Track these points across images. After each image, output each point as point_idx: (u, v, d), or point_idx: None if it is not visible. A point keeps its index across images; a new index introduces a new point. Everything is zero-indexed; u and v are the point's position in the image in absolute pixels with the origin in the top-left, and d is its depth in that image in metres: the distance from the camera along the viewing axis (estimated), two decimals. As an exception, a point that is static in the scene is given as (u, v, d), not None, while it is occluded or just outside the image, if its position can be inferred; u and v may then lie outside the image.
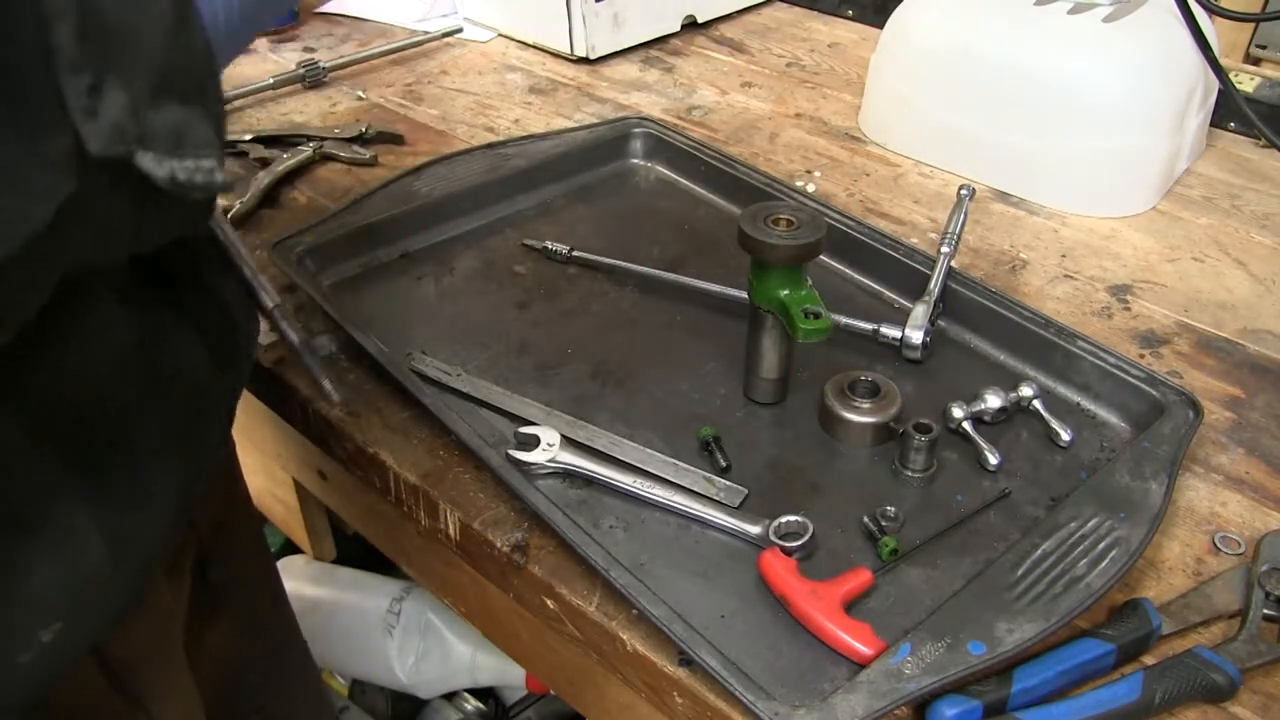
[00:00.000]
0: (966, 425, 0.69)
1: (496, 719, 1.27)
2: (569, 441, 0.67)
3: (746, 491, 0.65)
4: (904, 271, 0.82)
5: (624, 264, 0.85)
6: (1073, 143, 0.94)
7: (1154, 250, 0.91)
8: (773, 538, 0.61)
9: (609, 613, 0.58)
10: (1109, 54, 0.92)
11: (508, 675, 1.21)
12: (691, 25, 1.32)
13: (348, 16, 1.36)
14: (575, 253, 0.86)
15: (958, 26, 0.99)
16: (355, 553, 1.22)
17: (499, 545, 0.62)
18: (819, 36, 1.32)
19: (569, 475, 0.66)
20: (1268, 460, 0.69)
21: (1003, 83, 0.95)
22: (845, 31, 1.33)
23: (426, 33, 1.28)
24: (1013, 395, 0.70)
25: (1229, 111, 1.05)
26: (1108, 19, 0.93)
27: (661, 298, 0.83)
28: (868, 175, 1.01)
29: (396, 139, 1.06)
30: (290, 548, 1.34)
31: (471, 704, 1.26)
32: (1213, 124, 1.05)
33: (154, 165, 0.36)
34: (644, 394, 0.73)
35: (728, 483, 0.66)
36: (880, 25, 1.08)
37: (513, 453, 0.65)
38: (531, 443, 0.66)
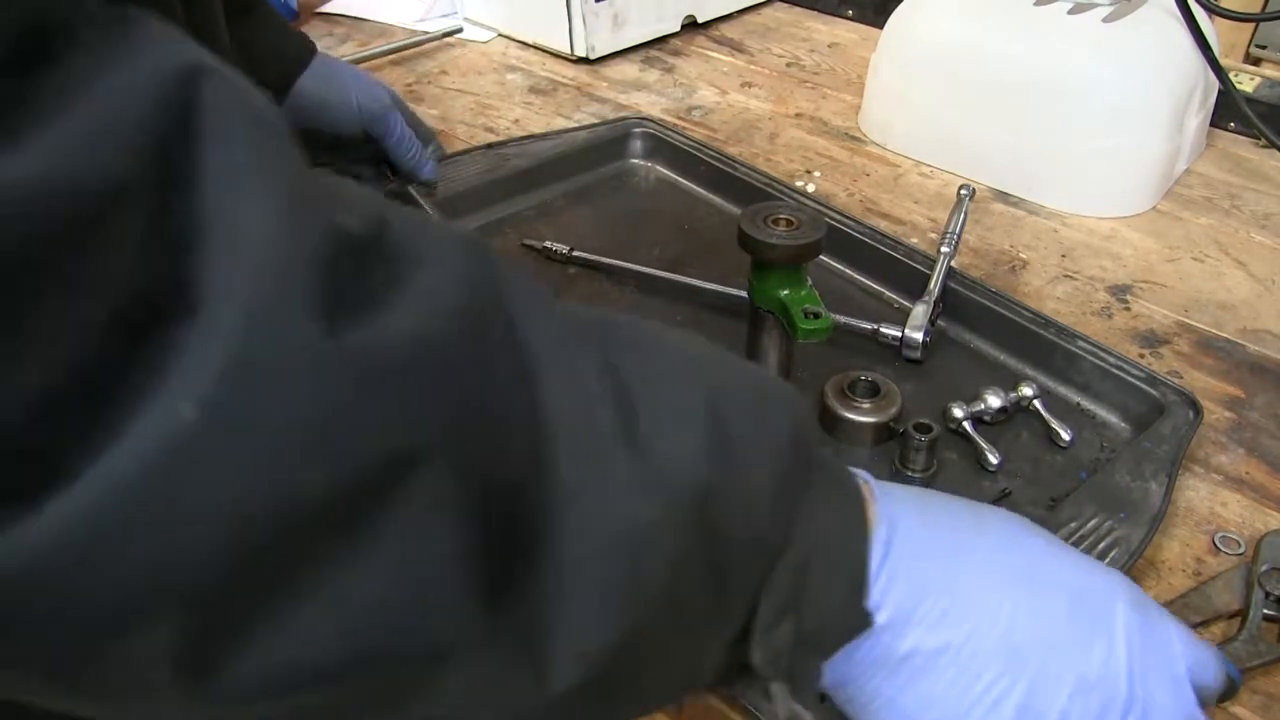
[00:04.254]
0: (966, 425, 0.69)
1: (496, 719, 1.27)
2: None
3: (746, 491, 0.65)
4: (904, 271, 0.82)
5: (624, 264, 0.85)
6: (1073, 143, 0.93)
7: (1154, 250, 0.91)
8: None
9: (609, 613, 0.58)
10: (1109, 54, 0.92)
11: (508, 675, 1.21)
12: (691, 25, 1.32)
13: (348, 16, 1.36)
14: (575, 253, 0.86)
15: (957, 26, 0.99)
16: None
17: (499, 545, 0.62)
18: (819, 36, 1.32)
19: (569, 475, 0.66)
20: (1268, 460, 0.69)
21: (1002, 83, 0.95)
22: (845, 31, 1.33)
23: (426, 33, 1.28)
24: (1013, 395, 0.70)
25: (1229, 111, 1.05)
26: (1107, 19, 0.93)
27: (661, 298, 0.83)
28: (868, 175, 1.01)
29: (396, 139, 1.05)
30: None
31: (471, 704, 1.26)
32: (1213, 124, 1.05)
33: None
34: (644, 394, 0.73)
35: (728, 483, 0.66)
36: (880, 25, 1.08)
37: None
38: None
